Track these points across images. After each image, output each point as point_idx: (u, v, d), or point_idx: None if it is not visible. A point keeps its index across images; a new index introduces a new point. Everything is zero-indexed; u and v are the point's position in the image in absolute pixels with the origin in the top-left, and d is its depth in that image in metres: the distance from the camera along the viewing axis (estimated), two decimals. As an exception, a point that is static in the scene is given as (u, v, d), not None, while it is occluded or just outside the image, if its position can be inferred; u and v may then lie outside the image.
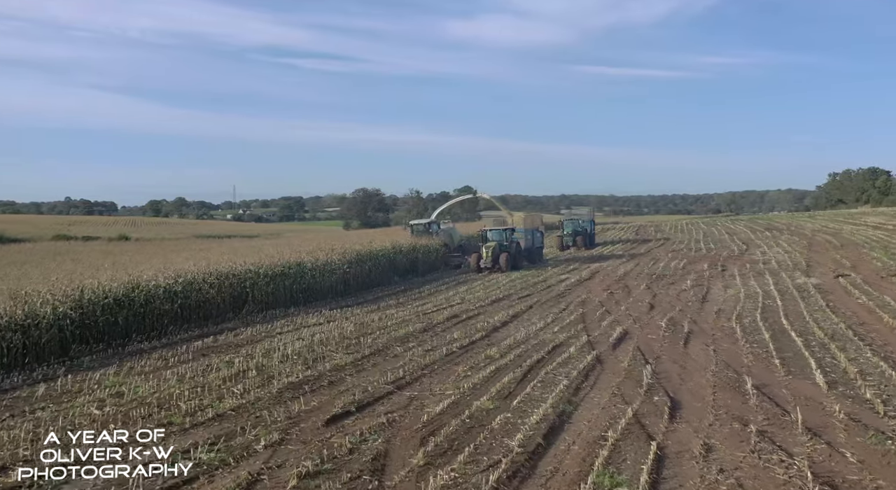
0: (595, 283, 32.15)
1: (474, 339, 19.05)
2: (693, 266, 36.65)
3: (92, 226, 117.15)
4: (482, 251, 38.51)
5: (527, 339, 18.82)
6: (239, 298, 25.34)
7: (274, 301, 26.65)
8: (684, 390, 13.10)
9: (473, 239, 55.19)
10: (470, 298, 28.25)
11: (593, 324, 20.87)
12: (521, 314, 23.63)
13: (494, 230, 41.40)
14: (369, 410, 12.52)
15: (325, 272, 29.98)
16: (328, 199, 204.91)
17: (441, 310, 25.28)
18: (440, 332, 20.73)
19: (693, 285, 29.16)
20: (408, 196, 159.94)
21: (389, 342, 19.00)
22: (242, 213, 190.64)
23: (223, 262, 27.58)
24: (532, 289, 30.73)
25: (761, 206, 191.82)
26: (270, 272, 26.81)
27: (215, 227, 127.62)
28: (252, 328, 21.99)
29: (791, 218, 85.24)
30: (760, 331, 18.38)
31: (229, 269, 25.51)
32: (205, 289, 23.82)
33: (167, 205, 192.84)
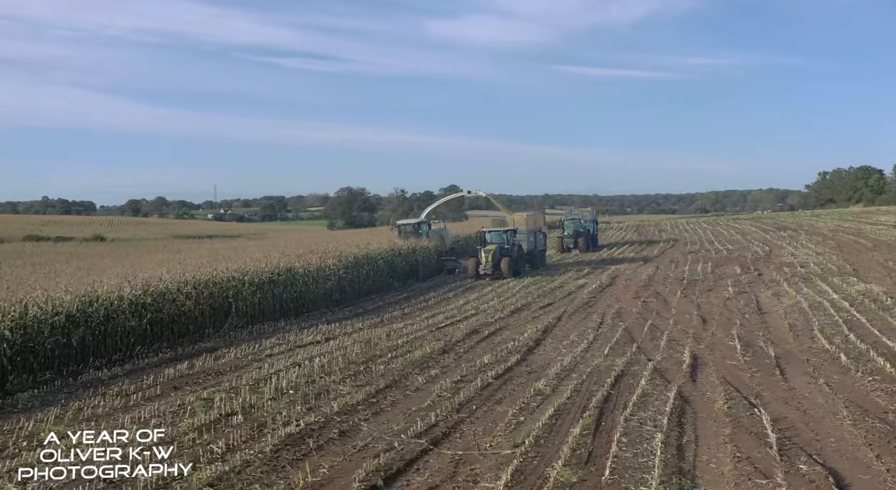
0: (620, 290, 28.74)
1: (509, 365, 15.55)
2: (722, 270, 33.30)
3: (67, 226, 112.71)
4: (481, 255, 34.35)
5: (575, 364, 15.33)
6: (220, 310, 21.69)
7: (261, 313, 23.04)
8: (830, 451, 9.64)
9: (467, 241, 51.48)
10: (485, 308, 24.76)
11: (647, 343, 17.41)
12: (552, 329, 20.18)
13: (494, 231, 36.86)
14: (402, 484, 8.99)
15: (319, 279, 26.34)
16: (311, 198, 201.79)
17: (455, 323, 21.81)
18: (463, 352, 17.25)
19: (737, 293, 25.78)
20: (392, 195, 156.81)
21: (406, 369, 15.47)
22: (224, 213, 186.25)
23: (202, 267, 23.93)
24: (551, 297, 27.29)
25: (744, 206, 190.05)
26: (257, 279, 23.14)
27: (196, 227, 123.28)
28: (236, 348, 18.40)
29: (794, 217, 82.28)
30: (868, 355, 14.93)
31: (209, 277, 21.83)
32: (180, 300, 20.16)
33: (147, 204, 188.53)
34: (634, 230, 73.72)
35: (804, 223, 64.90)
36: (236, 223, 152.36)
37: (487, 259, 33.89)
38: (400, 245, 35.83)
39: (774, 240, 48.58)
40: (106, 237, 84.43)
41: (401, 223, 42.68)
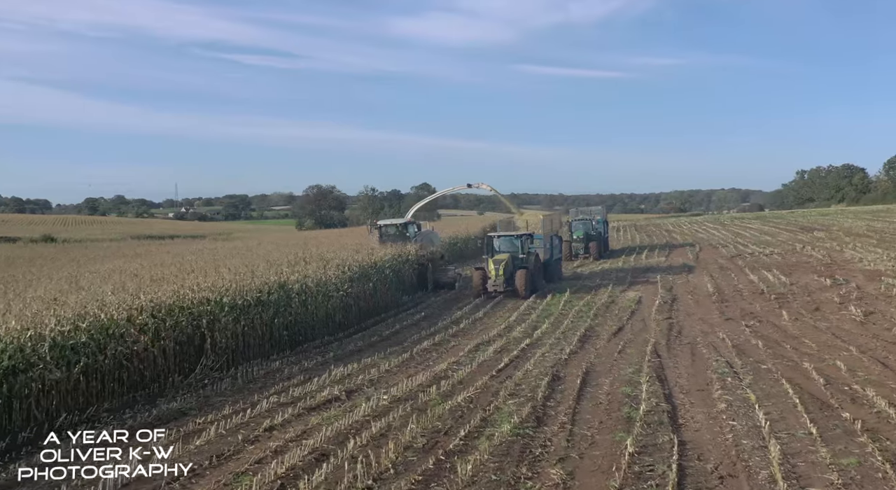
0: (693, 307, 22.99)
1: (664, 453, 9.52)
2: (798, 279, 27.50)
3: (16, 225, 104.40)
4: (489, 266, 27.15)
5: (793, 470, 9.23)
6: (190, 346, 15.40)
7: (244, 347, 16.80)
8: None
9: (453, 246, 45.27)
10: (539, 336, 18.82)
11: (857, 410, 11.45)
12: (663, 373, 14.31)
13: (505, 237, 29.75)
14: None
15: (319, 296, 20.08)
16: (275, 197, 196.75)
17: (516, 360, 15.92)
18: (568, 422, 11.26)
19: (866, 313, 19.99)
20: (362, 193, 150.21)
21: (504, 464, 9.38)
22: (185, 212, 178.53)
23: (165, 281, 17.61)
24: (610, 317, 21.52)
25: (708, 206, 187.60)
26: (240, 301, 16.83)
27: (156, 226, 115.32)
28: (216, 412, 12.22)
29: (802, 216, 77.03)
30: None
31: (174, 299, 15.49)
32: (131, 335, 13.84)
33: (105, 203, 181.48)
34: (636, 232, 67.82)
35: (824, 222, 59.59)
36: (199, 222, 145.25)
37: (498, 272, 26.69)
38: (408, 250, 29.35)
39: (814, 242, 43.00)
40: (57, 238, 76.63)
41: (383, 224, 34.23)
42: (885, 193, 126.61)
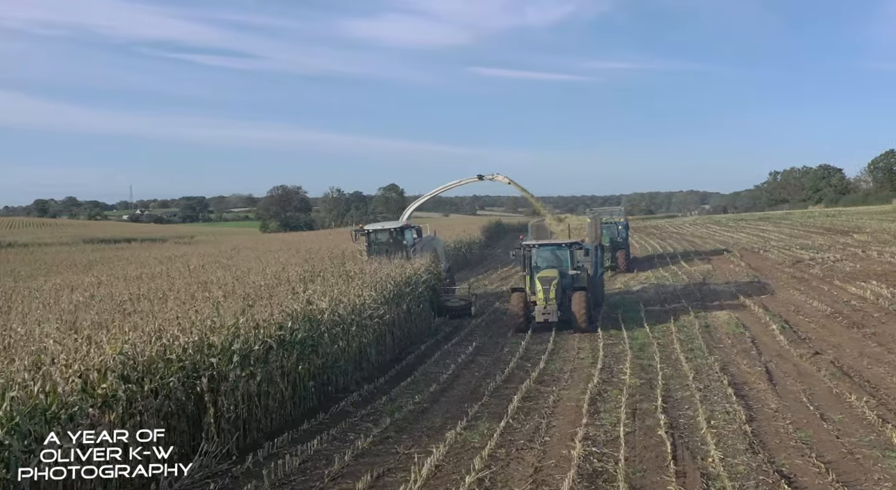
0: (827, 333, 17.80)
1: None
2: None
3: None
4: (536, 288, 19.96)
5: None
6: (180, 421, 9.63)
7: (262, 416, 11.04)
8: None
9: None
10: (676, 389, 13.36)
11: None
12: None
13: (545, 246, 21.83)
14: None
15: (353, 327, 14.29)
16: (234, 198, 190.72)
17: (684, 436, 10.37)
18: None
19: None
20: (328, 195, 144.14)
21: None
22: (140, 214, 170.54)
23: (137, 315, 11.83)
24: (741, 353, 16.17)
25: (669, 207, 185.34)
26: (256, 345, 11.01)
27: (110, 228, 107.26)
28: None
29: (820, 218, 72.25)
30: None
31: (157, 348, 9.69)
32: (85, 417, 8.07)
33: (56, 205, 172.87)
34: (639, 234, 62.45)
35: (847, 225, 54.95)
36: (155, 224, 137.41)
37: (549, 295, 19.55)
38: (409, 270, 20.53)
39: (863, 244, 38.10)
40: (1, 241, 69.28)
41: (372, 228, 26.62)
42: (866, 194, 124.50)
